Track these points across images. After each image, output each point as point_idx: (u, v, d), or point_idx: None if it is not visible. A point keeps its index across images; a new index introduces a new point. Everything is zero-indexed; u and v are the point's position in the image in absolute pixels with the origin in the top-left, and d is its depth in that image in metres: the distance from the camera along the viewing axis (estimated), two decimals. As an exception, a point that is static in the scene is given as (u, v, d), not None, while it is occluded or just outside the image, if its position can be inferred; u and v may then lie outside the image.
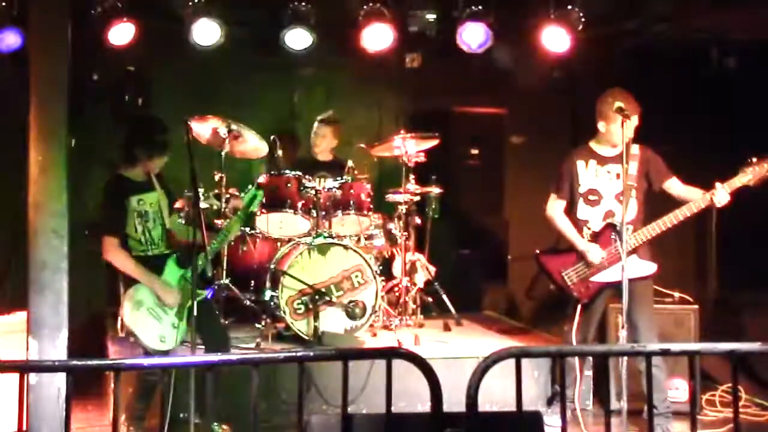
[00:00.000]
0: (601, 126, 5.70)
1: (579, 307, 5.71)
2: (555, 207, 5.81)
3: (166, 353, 5.18)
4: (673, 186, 5.71)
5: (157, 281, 5.24)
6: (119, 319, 5.34)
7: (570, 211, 5.80)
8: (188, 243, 5.15)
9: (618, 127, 5.49)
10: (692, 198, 5.57)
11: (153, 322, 5.20)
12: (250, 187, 5.85)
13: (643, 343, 5.39)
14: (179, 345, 5.28)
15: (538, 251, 5.85)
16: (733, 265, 7.70)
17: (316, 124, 7.59)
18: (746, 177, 5.48)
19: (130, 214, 5.27)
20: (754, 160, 5.50)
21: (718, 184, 5.50)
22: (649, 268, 5.66)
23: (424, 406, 5.46)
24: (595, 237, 5.70)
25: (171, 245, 5.46)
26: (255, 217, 6.60)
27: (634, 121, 5.57)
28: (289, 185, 6.69)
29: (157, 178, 5.46)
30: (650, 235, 5.58)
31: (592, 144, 5.80)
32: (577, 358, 5.73)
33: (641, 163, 5.68)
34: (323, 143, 7.58)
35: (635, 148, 5.67)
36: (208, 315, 5.35)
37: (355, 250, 6.49)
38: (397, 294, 7.11)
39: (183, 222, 5.77)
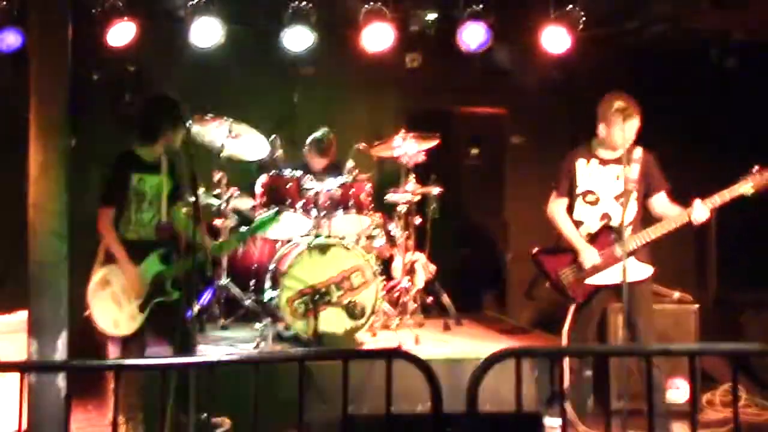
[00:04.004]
0: (601, 129, 5.65)
1: (573, 306, 5.72)
2: (556, 206, 5.81)
3: (119, 339, 5.28)
4: (659, 200, 5.68)
5: (131, 269, 5.26)
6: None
7: (568, 210, 5.79)
8: (183, 239, 5.21)
9: (618, 130, 5.49)
10: (671, 216, 5.57)
11: (113, 306, 5.25)
12: (270, 211, 5.90)
13: (643, 344, 5.40)
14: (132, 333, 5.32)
15: (535, 250, 5.85)
16: (733, 264, 7.71)
17: (309, 149, 7.42)
18: (747, 185, 5.41)
19: (130, 191, 5.31)
20: (756, 168, 5.43)
21: (696, 201, 5.44)
22: (647, 271, 5.65)
23: (424, 406, 5.47)
24: (592, 238, 5.70)
25: (160, 237, 5.43)
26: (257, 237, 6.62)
27: (636, 123, 5.56)
28: (289, 185, 6.69)
29: (169, 165, 5.46)
30: (648, 239, 5.56)
31: (594, 145, 5.77)
32: (576, 359, 5.73)
33: (643, 167, 5.65)
34: (319, 163, 7.49)
35: (638, 151, 5.65)
36: (175, 317, 5.27)
37: (355, 250, 6.48)
38: (397, 294, 7.10)
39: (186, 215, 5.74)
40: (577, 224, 5.74)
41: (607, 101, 5.59)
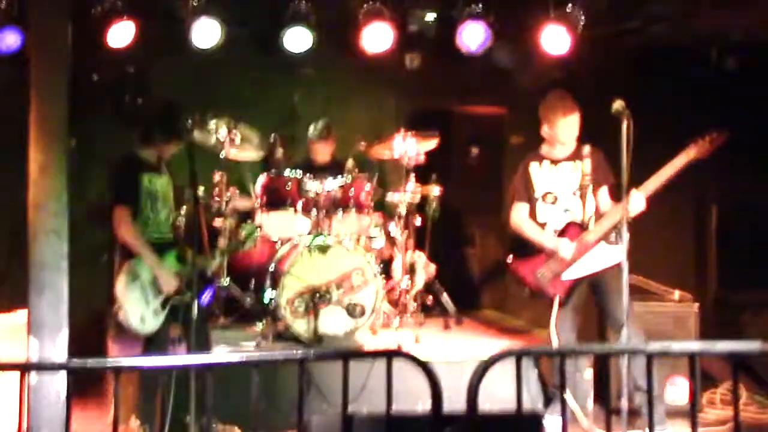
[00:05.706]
0: (545, 129, 5.85)
1: (557, 302, 5.75)
2: (519, 212, 5.94)
3: (142, 338, 5.21)
4: (602, 196, 5.81)
5: (159, 264, 5.23)
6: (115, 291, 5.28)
7: (531, 214, 5.89)
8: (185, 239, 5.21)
9: (560, 127, 5.72)
10: (608, 212, 5.70)
11: (141, 300, 5.19)
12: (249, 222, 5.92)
13: (643, 343, 5.39)
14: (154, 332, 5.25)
15: (510, 260, 5.92)
16: (733, 264, 7.70)
17: (312, 137, 7.53)
18: (682, 159, 5.47)
19: (142, 192, 5.28)
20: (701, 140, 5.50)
21: (633, 191, 5.42)
22: (619, 253, 5.65)
23: (424, 406, 5.47)
24: (559, 235, 5.79)
25: (176, 237, 5.43)
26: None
27: (575, 117, 5.76)
28: (289, 185, 6.69)
29: (168, 165, 5.47)
30: (607, 227, 5.64)
31: (544, 149, 5.95)
32: (575, 357, 5.75)
33: (593, 162, 5.80)
34: (322, 154, 7.56)
35: (587, 148, 5.80)
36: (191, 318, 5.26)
37: (355, 250, 6.49)
38: (397, 294, 7.11)
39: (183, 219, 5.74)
40: (542, 226, 5.84)
41: (545, 101, 5.85)
